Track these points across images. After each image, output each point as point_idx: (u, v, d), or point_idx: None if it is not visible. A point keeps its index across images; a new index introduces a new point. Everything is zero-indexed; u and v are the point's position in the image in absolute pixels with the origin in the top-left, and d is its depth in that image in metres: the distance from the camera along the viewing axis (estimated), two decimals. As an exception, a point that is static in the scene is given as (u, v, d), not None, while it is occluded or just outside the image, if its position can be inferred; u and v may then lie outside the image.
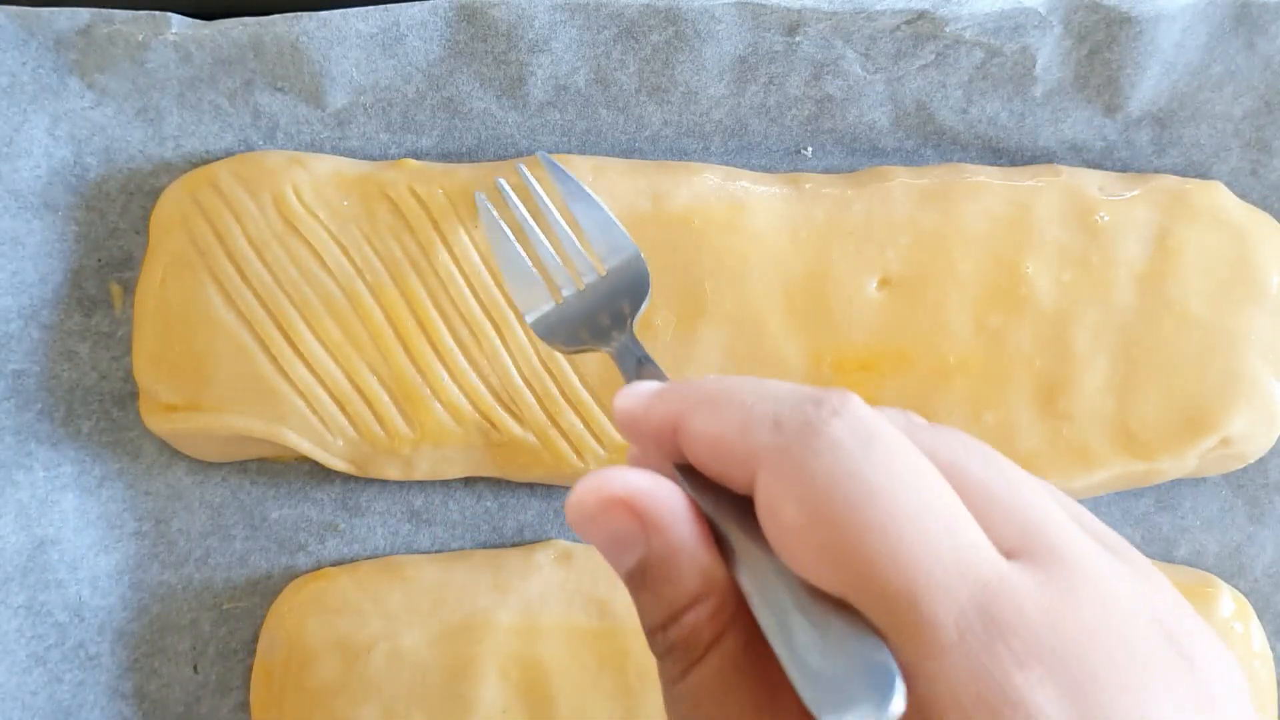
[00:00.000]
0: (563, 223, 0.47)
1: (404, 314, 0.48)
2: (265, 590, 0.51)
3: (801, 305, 0.49)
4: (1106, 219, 0.49)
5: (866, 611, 0.25)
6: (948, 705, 0.24)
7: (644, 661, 0.48)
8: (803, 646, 0.25)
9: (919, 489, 0.25)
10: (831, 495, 0.25)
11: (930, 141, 0.52)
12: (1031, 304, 0.48)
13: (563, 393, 0.48)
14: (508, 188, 0.48)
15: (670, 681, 0.28)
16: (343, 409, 0.48)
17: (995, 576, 0.24)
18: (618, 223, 0.46)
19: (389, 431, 0.48)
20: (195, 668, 0.51)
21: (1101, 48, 0.50)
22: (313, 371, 0.48)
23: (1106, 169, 0.52)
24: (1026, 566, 0.25)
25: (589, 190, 0.47)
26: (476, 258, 0.48)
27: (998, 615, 0.24)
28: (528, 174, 0.48)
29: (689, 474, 0.30)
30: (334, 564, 0.51)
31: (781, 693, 0.27)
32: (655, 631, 0.28)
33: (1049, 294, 0.49)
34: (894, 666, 0.24)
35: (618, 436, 0.49)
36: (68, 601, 0.50)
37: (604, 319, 0.44)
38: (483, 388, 0.48)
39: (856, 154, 0.52)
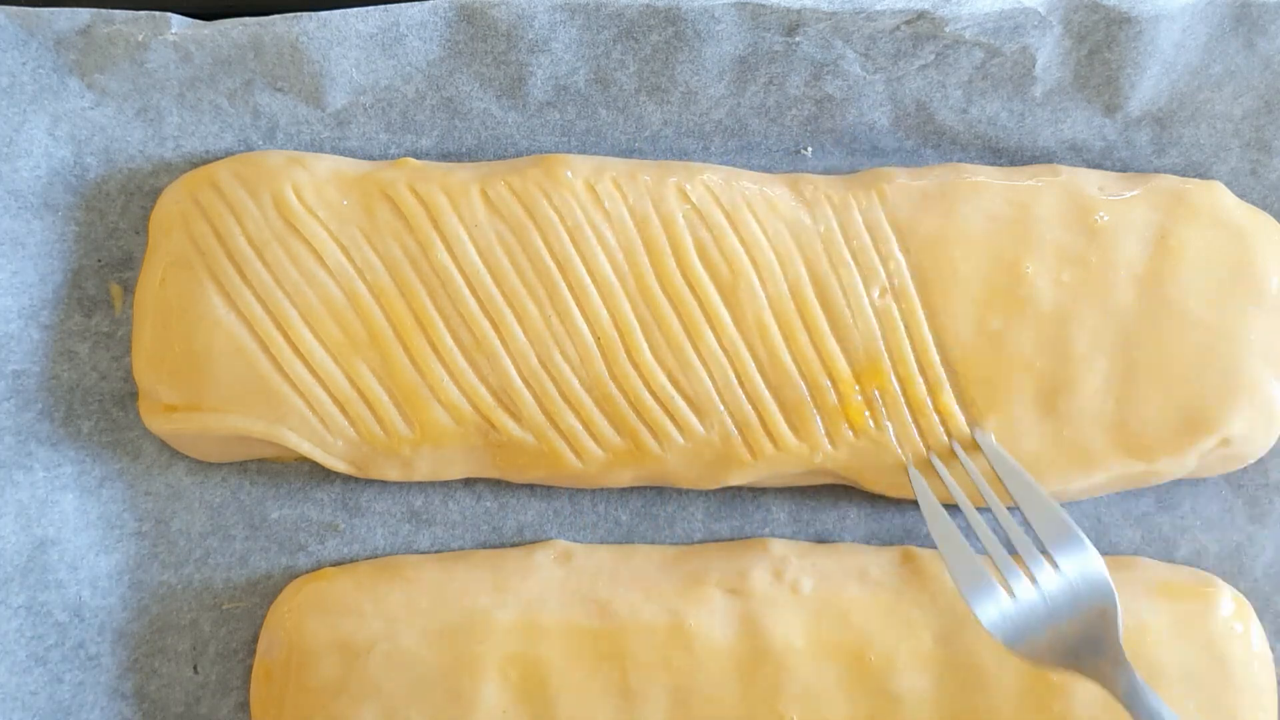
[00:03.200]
0: (1003, 508, 0.45)
1: (404, 314, 0.48)
2: (265, 590, 0.51)
3: (802, 307, 0.49)
4: (1106, 219, 0.49)
5: None
6: None
7: (644, 661, 0.48)
8: None
9: None
10: None
11: (930, 141, 0.52)
12: (1031, 304, 0.48)
13: (562, 393, 0.48)
14: (942, 468, 0.47)
15: None
16: (343, 409, 0.48)
17: None
18: (1064, 513, 0.44)
19: (389, 432, 0.48)
20: (195, 668, 0.51)
21: (1101, 48, 0.50)
22: (313, 372, 0.48)
23: (1106, 169, 0.52)
24: None
25: (1028, 474, 0.44)
26: (476, 257, 0.48)
27: None
28: (963, 454, 0.47)
29: None
30: (334, 564, 0.51)
31: None
32: None
33: (1049, 294, 0.48)
34: None
35: (615, 438, 0.49)
36: (68, 601, 0.50)
37: (1075, 633, 0.42)
38: (482, 388, 0.48)
39: (856, 154, 0.52)
